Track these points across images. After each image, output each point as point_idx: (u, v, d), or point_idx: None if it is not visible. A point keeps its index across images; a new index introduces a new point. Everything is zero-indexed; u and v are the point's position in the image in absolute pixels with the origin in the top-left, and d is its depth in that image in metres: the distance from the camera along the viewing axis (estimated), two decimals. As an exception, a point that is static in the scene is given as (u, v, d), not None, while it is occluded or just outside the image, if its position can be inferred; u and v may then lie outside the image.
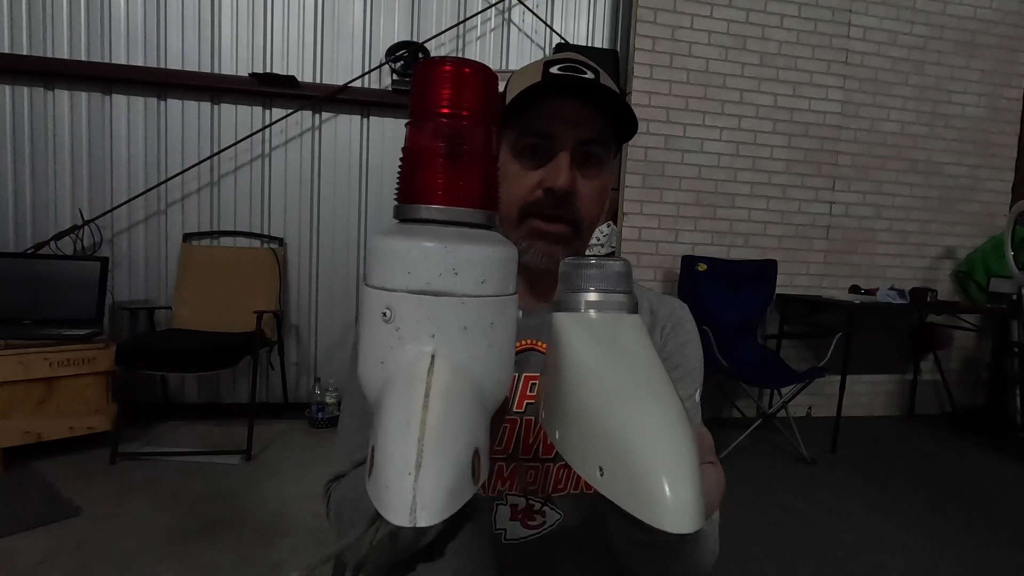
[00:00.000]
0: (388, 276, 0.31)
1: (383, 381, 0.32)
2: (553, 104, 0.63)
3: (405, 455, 0.28)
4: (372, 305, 0.32)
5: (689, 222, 3.33)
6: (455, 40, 3.27)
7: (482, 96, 0.32)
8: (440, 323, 0.31)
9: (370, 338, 0.33)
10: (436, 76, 0.32)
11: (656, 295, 0.79)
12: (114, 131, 2.96)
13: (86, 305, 2.67)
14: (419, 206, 0.32)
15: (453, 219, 0.32)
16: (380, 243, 0.32)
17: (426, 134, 0.32)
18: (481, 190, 0.33)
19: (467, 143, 0.32)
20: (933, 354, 3.72)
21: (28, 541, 1.85)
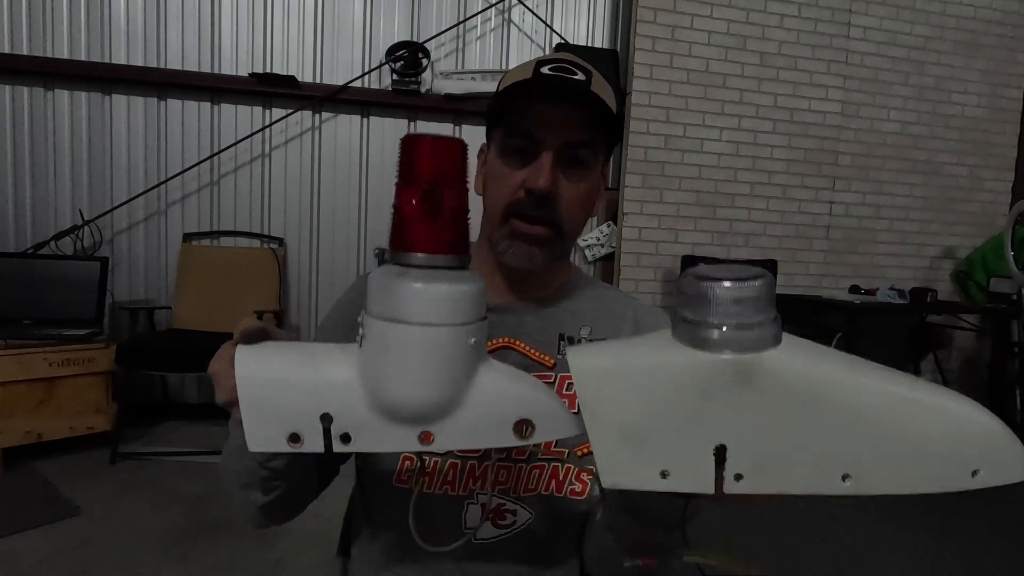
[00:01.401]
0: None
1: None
2: (540, 106, 0.63)
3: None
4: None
5: (689, 222, 3.33)
6: (455, 40, 3.27)
7: (454, 164, 0.40)
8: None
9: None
10: (418, 150, 0.40)
11: (640, 305, 0.78)
12: (114, 131, 2.96)
13: (86, 305, 2.67)
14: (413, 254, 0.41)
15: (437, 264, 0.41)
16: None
17: (413, 197, 0.40)
18: (454, 240, 0.41)
19: (445, 204, 0.40)
20: (933, 354, 3.72)
21: (28, 541, 1.85)
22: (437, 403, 0.40)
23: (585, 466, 0.68)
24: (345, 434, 0.41)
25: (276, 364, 0.42)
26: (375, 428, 0.41)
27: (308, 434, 0.41)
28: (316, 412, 0.40)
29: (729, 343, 0.34)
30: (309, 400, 0.41)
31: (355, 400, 0.41)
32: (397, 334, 0.39)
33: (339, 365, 0.42)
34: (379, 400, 0.40)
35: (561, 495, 0.67)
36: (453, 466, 0.65)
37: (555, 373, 0.69)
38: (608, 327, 0.74)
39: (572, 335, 0.72)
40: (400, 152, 0.40)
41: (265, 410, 0.41)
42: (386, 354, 0.40)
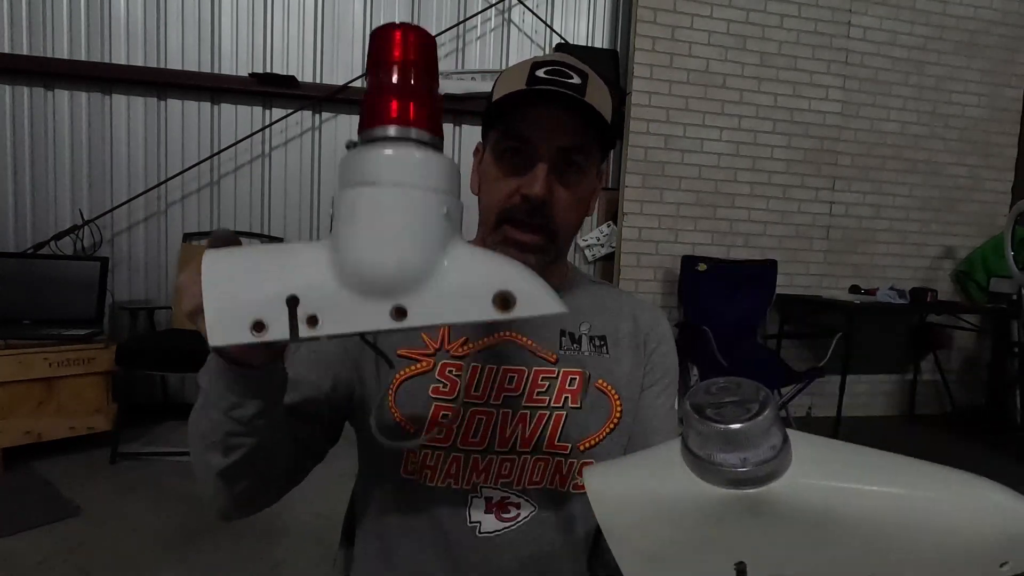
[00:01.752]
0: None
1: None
2: (535, 110, 0.63)
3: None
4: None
5: (689, 222, 3.33)
6: (455, 40, 3.27)
7: (425, 49, 0.41)
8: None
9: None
10: (391, 33, 0.40)
11: (637, 301, 0.79)
12: (114, 131, 2.96)
13: (86, 305, 2.67)
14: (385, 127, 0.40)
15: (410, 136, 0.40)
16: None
17: (384, 73, 0.40)
18: (427, 115, 0.41)
19: (416, 81, 0.40)
20: (933, 354, 3.72)
21: (28, 541, 1.85)
22: (410, 270, 0.38)
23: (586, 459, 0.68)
24: (312, 316, 0.38)
25: (243, 256, 0.41)
26: (344, 306, 0.38)
27: (272, 320, 0.38)
28: (282, 295, 0.38)
29: (738, 481, 0.34)
30: (274, 283, 0.38)
31: (323, 278, 0.38)
32: (366, 196, 0.38)
33: (307, 248, 0.40)
34: (349, 273, 0.38)
35: (565, 489, 0.68)
36: (456, 460, 0.65)
37: (558, 368, 0.70)
38: (607, 323, 0.74)
39: (572, 331, 0.72)
40: (371, 43, 0.41)
41: (229, 299, 0.38)
42: (355, 220, 0.38)
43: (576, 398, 0.69)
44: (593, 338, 0.73)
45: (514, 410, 0.67)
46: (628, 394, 0.72)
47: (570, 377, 0.69)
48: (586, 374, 0.70)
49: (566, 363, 0.70)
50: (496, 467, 0.66)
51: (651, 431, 0.73)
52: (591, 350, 0.72)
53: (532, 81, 0.63)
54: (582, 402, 0.69)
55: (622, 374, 0.72)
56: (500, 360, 0.68)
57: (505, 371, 0.68)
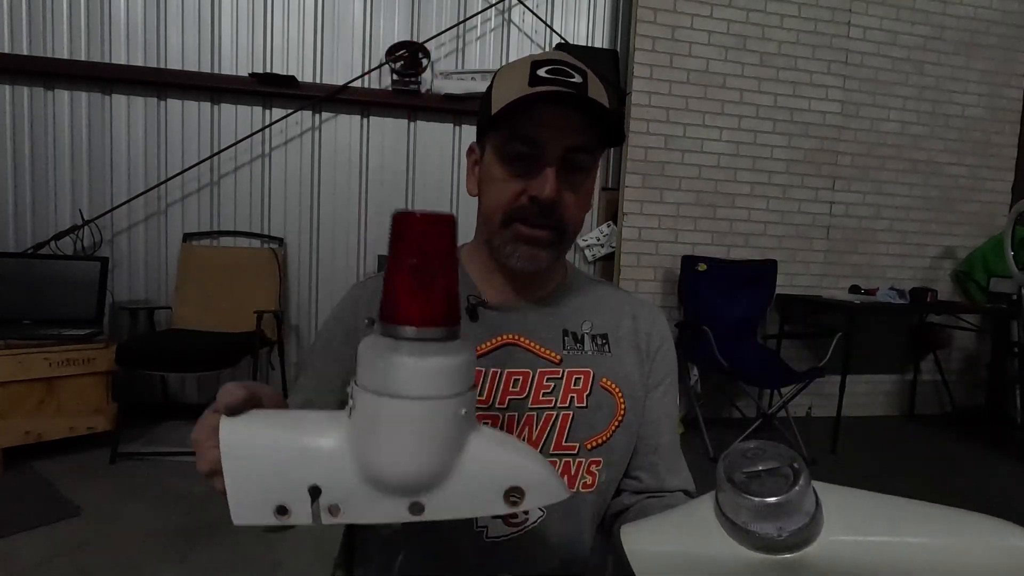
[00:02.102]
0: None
1: None
2: (541, 111, 0.62)
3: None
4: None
5: (689, 222, 3.33)
6: (455, 40, 3.27)
7: (445, 240, 0.40)
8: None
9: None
10: (409, 226, 0.40)
11: (636, 301, 0.80)
12: (114, 131, 2.96)
13: (86, 305, 2.67)
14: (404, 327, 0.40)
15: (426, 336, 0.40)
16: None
17: (403, 271, 0.40)
18: (444, 312, 0.41)
19: (435, 279, 0.40)
20: (933, 354, 3.72)
21: (28, 541, 1.85)
22: (428, 475, 0.40)
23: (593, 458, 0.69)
24: (334, 505, 0.40)
25: (262, 435, 0.42)
26: (364, 500, 0.40)
27: (296, 506, 0.40)
28: (304, 483, 0.40)
29: (772, 548, 0.35)
30: (297, 471, 0.40)
31: (344, 472, 0.40)
32: (388, 408, 0.39)
33: (327, 436, 0.41)
34: (369, 472, 0.40)
35: (574, 489, 0.68)
36: None
37: (562, 368, 0.70)
38: (607, 321, 0.75)
39: (575, 331, 0.72)
40: (391, 227, 0.41)
41: (250, 482, 0.40)
42: (376, 427, 0.39)
43: (582, 397, 0.69)
44: (595, 337, 0.73)
45: (520, 413, 0.67)
46: (630, 392, 0.72)
47: (575, 377, 0.69)
48: (592, 373, 0.70)
49: (570, 363, 0.70)
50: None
51: (659, 432, 0.75)
52: (594, 349, 0.72)
53: (534, 81, 0.63)
54: (588, 401, 0.69)
55: (624, 372, 0.73)
56: (504, 363, 0.68)
57: (509, 374, 0.68)
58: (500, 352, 0.69)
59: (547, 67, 0.64)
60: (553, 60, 0.65)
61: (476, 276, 0.73)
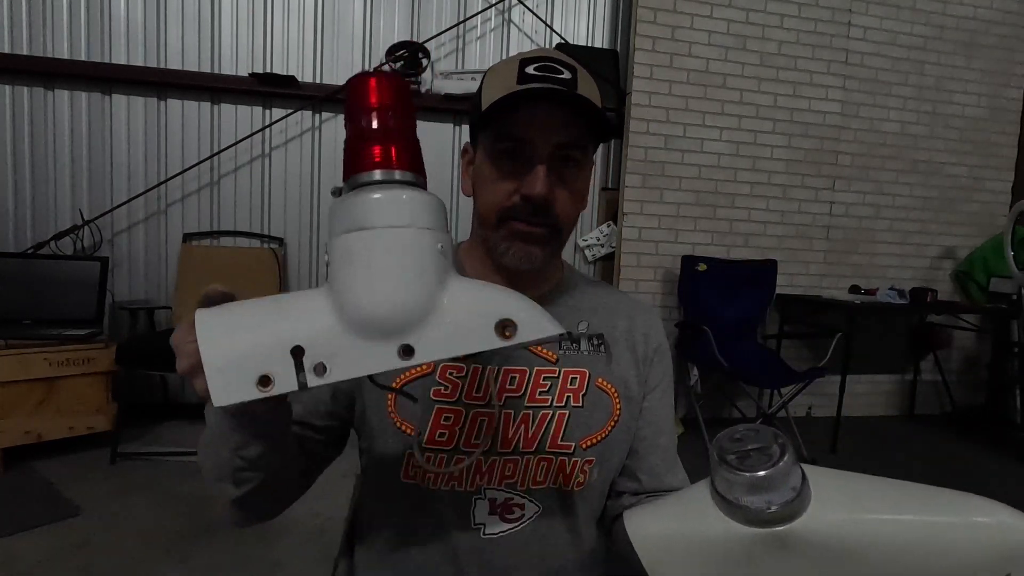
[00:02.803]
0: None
1: None
2: (529, 109, 0.62)
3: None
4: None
5: (689, 222, 3.33)
6: (455, 40, 3.27)
7: (401, 94, 0.42)
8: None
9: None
10: (367, 82, 0.41)
11: (632, 301, 0.80)
12: (114, 131, 2.96)
13: (86, 305, 2.67)
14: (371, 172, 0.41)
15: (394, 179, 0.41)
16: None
17: (364, 120, 0.41)
18: (409, 157, 0.41)
19: (395, 125, 0.41)
20: (933, 354, 3.72)
21: (28, 541, 1.85)
22: (413, 308, 0.38)
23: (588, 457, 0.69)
24: (319, 364, 0.38)
25: (238, 312, 0.40)
26: (351, 351, 0.38)
27: (279, 373, 0.37)
28: (285, 347, 0.37)
29: (763, 521, 0.37)
30: (276, 336, 0.38)
31: (326, 325, 0.38)
32: (362, 240, 0.38)
33: (306, 296, 0.40)
34: (352, 317, 0.38)
35: (569, 488, 0.68)
36: (459, 462, 0.65)
37: (559, 368, 0.70)
38: (603, 321, 0.75)
39: (571, 330, 0.72)
40: (348, 92, 0.41)
41: (229, 357, 0.38)
42: (353, 264, 0.38)
43: (578, 397, 0.69)
44: (591, 337, 0.73)
45: (516, 410, 0.67)
46: (626, 392, 0.72)
47: (571, 376, 0.70)
48: (588, 373, 0.70)
49: (566, 363, 0.70)
50: (499, 468, 0.66)
51: (659, 432, 0.75)
52: (590, 349, 0.72)
53: (523, 79, 0.62)
54: (584, 401, 0.69)
55: (620, 373, 0.73)
56: (501, 361, 0.68)
57: (506, 372, 0.68)
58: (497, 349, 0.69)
59: (535, 64, 0.63)
60: (542, 57, 0.64)
61: (472, 273, 0.73)
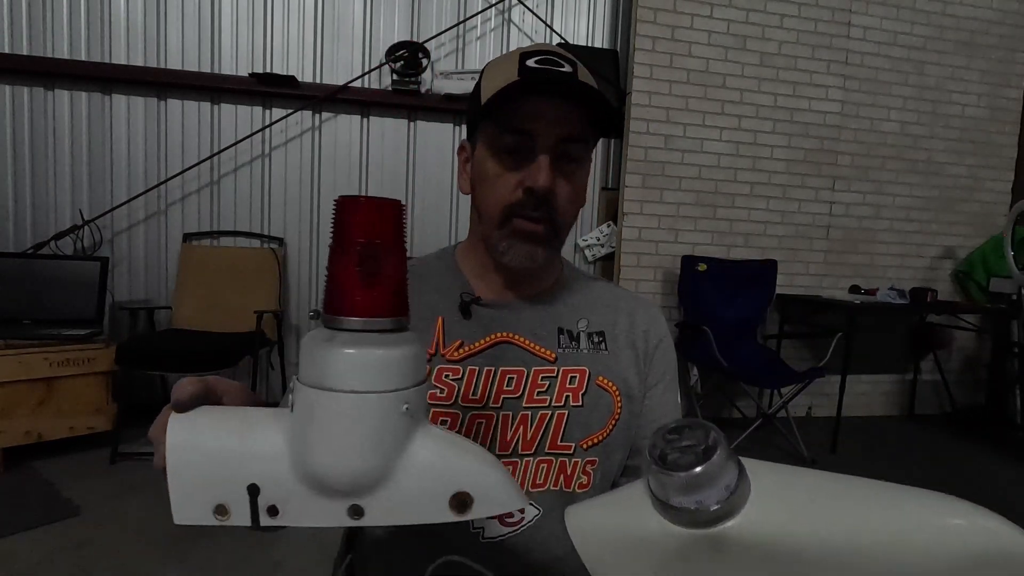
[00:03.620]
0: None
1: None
2: (532, 101, 0.61)
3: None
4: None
5: (689, 222, 3.33)
6: (455, 40, 3.27)
7: (391, 226, 0.39)
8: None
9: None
10: (353, 211, 0.38)
11: (632, 297, 0.79)
12: (114, 131, 2.96)
13: (86, 305, 2.67)
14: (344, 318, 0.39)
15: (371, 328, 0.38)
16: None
17: (346, 259, 0.38)
18: (391, 303, 0.39)
19: (381, 267, 0.38)
20: (933, 354, 3.72)
21: (28, 541, 1.85)
22: (365, 476, 0.38)
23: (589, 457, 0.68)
24: (272, 506, 0.39)
25: (205, 433, 0.40)
26: (303, 501, 0.39)
27: (235, 506, 0.39)
28: (243, 483, 0.38)
29: (695, 522, 0.36)
30: (236, 470, 0.39)
31: (282, 471, 0.39)
32: (323, 402, 0.37)
33: (269, 434, 0.40)
34: (306, 471, 0.38)
35: (570, 489, 0.67)
36: None
37: (557, 367, 0.69)
38: (604, 319, 0.74)
39: (570, 328, 0.72)
40: (334, 213, 0.39)
41: (192, 480, 0.39)
42: (312, 423, 0.38)
43: (577, 396, 0.68)
44: (592, 335, 0.72)
45: (514, 412, 0.66)
46: (627, 390, 0.72)
47: (570, 376, 0.69)
48: (587, 372, 0.69)
49: (565, 361, 0.69)
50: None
51: None
52: (590, 347, 0.71)
53: (524, 72, 0.62)
54: (583, 400, 0.68)
55: (621, 370, 0.72)
56: (498, 362, 0.68)
57: (504, 373, 0.67)
58: (494, 350, 0.68)
59: (536, 58, 0.63)
60: (542, 51, 0.64)
61: (470, 273, 0.73)
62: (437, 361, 0.67)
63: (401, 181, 3.28)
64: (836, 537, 0.34)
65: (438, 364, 0.67)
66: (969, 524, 0.33)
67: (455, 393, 0.66)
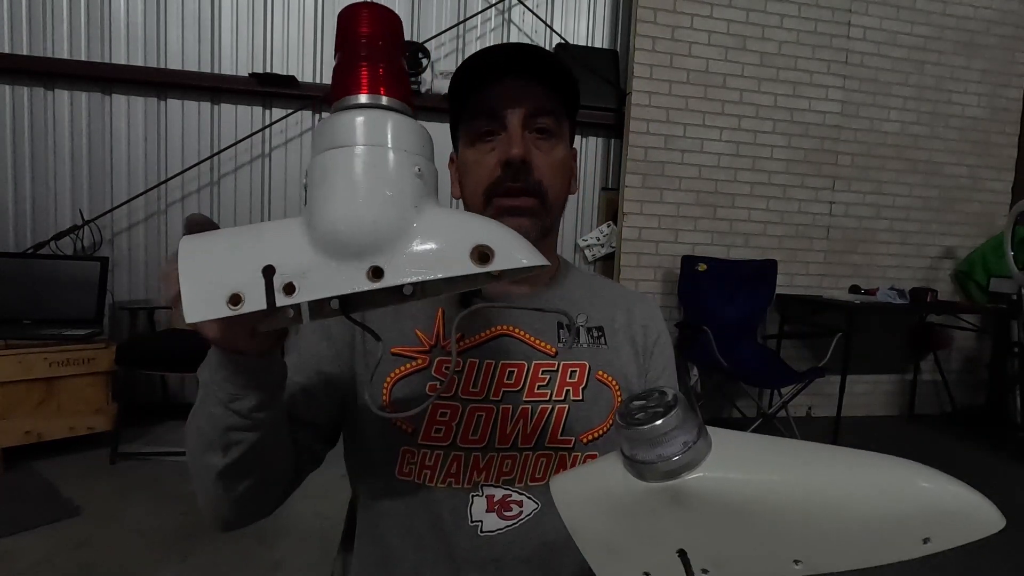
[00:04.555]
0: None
1: None
2: (495, 85, 0.64)
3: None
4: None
5: (689, 222, 3.33)
6: (455, 40, 3.27)
7: (391, 25, 0.41)
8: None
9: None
10: (358, 12, 0.41)
11: (630, 293, 0.80)
12: (114, 131, 2.96)
13: (86, 305, 2.67)
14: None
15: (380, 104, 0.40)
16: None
17: (354, 48, 0.41)
18: (396, 84, 0.41)
19: (384, 55, 0.41)
20: (933, 354, 3.72)
21: (28, 541, 1.85)
22: (383, 228, 0.37)
23: (590, 452, 0.68)
24: (289, 284, 0.38)
25: (219, 237, 0.41)
26: (320, 271, 0.38)
27: (249, 291, 0.37)
28: (257, 266, 0.38)
29: (656, 474, 0.37)
30: (249, 256, 0.38)
31: (298, 245, 0.38)
32: (339, 157, 0.38)
33: (283, 223, 0.40)
34: (322, 236, 0.38)
35: None
36: (456, 459, 0.65)
37: (557, 361, 0.69)
38: (602, 313, 0.75)
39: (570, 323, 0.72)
40: (339, 22, 0.41)
41: (204, 276, 0.38)
42: (326, 181, 0.38)
43: (577, 390, 0.68)
44: (591, 329, 0.73)
45: (514, 406, 0.66)
46: (627, 385, 0.72)
47: (570, 370, 0.69)
48: (588, 366, 0.70)
49: (566, 355, 0.70)
50: (497, 464, 0.65)
51: None
52: (589, 341, 0.72)
53: (474, 57, 0.65)
54: (584, 394, 0.69)
55: (620, 365, 0.72)
56: (498, 355, 0.68)
57: (504, 366, 0.67)
58: (494, 343, 0.68)
59: (493, 47, 0.66)
60: (498, 45, 0.67)
61: None
62: (437, 353, 0.67)
63: (401, 181, 3.28)
64: (793, 491, 0.36)
65: (438, 356, 0.67)
66: (931, 486, 0.34)
67: (455, 385, 0.66)
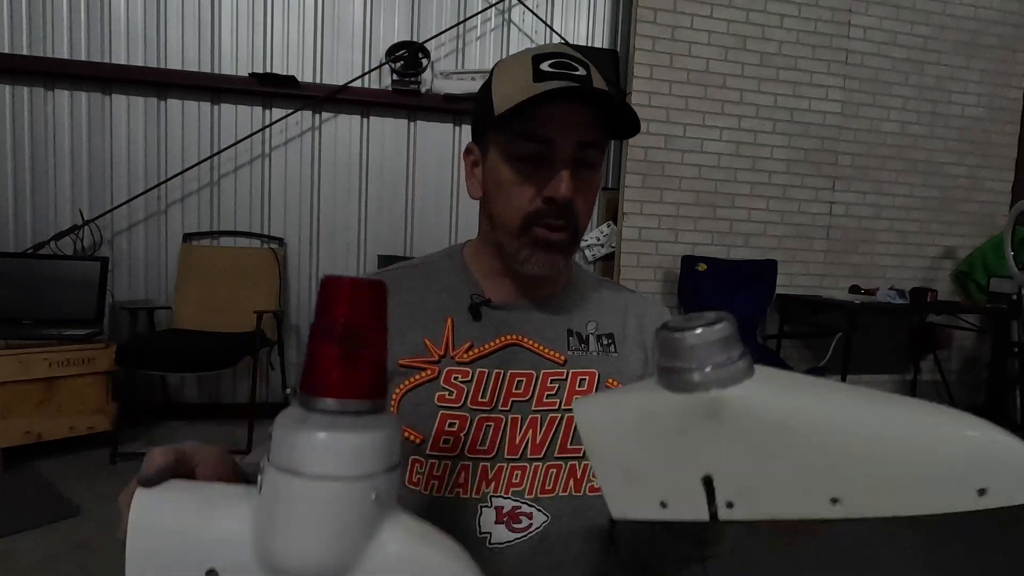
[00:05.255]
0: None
1: None
2: (550, 107, 0.60)
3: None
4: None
5: (689, 222, 3.33)
6: (455, 40, 3.27)
7: (374, 309, 0.38)
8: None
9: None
10: (335, 292, 0.37)
11: (640, 299, 0.79)
12: (114, 131, 2.96)
13: (86, 305, 2.67)
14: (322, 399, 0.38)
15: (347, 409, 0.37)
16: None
17: (326, 340, 0.37)
18: (367, 384, 0.38)
19: (361, 350, 0.37)
20: (933, 354, 3.72)
21: (28, 541, 1.85)
22: (329, 567, 0.37)
23: None
24: None
25: (168, 513, 0.40)
26: None
27: None
28: (202, 568, 0.38)
29: (694, 383, 0.36)
30: (196, 555, 0.38)
31: (244, 557, 0.37)
32: (289, 487, 0.36)
33: (233, 517, 0.38)
34: (267, 559, 0.37)
35: (580, 494, 0.66)
36: (464, 469, 0.64)
37: (566, 370, 0.68)
38: (613, 320, 0.74)
39: (579, 331, 0.71)
40: (319, 291, 0.38)
41: (150, 563, 0.39)
42: (276, 509, 0.36)
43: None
44: (600, 337, 0.72)
45: (523, 415, 0.66)
46: None
47: (580, 378, 0.68)
48: (597, 374, 0.69)
49: (575, 364, 0.69)
50: (506, 475, 0.64)
51: None
52: (599, 349, 0.71)
53: (539, 76, 0.61)
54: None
55: (631, 372, 0.71)
56: (507, 364, 0.67)
57: (513, 375, 0.66)
58: (503, 353, 0.68)
59: (549, 61, 0.62)
60: (555, 53, 0.63)
61: (480, 275, 0.72)
62: (446, 363, 0.66)
63: (401, 181, 3.28)
64: (836, 419, 0.33)
65: (447, 366, 0.66)
66: (981, 435, 0.31)
67: (464, 395, 0.65)
